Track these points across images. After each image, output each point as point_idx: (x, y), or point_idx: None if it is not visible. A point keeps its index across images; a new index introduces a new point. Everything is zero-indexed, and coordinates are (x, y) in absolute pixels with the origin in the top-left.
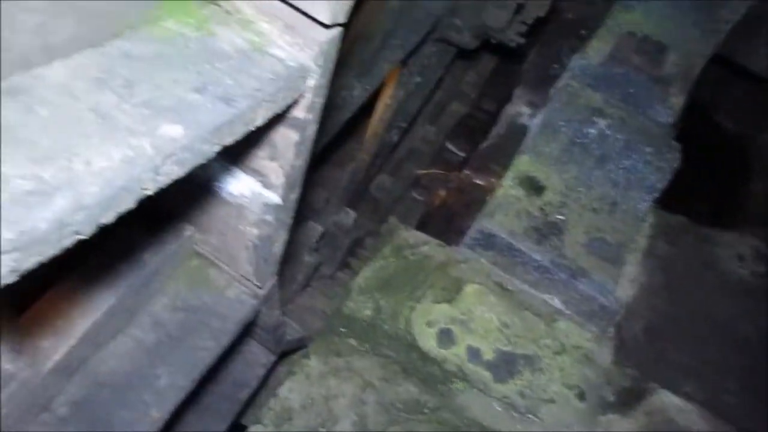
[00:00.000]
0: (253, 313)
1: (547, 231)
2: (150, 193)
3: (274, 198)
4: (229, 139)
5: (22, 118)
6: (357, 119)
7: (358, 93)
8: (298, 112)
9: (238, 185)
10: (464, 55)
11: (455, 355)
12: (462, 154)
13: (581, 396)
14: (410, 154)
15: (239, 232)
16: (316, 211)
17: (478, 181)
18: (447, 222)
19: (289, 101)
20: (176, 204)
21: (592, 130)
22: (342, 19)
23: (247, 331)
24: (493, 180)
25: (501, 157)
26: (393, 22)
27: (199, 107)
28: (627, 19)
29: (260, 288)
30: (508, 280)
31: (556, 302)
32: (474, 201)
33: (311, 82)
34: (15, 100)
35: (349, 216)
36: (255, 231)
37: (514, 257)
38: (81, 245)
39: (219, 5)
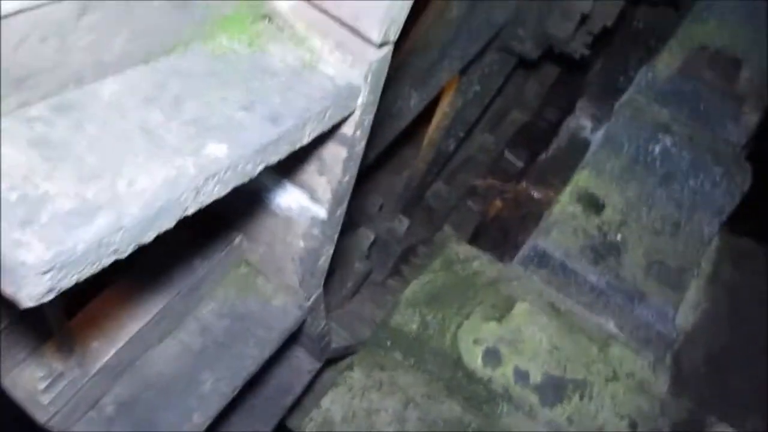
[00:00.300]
0: (297, 324)
1: (604, 251)
2: (191, 212)
3: (321, 212)
4: (273, 158)
5: (71, 135)
6: (415, 126)
7: (414, 103)
8: (347, 129)
9: (287, 198)
10: (526, 64)
11: (502, 375)
12: (520, 164)
13: (633, 426)
14: (467, 163)
15: (286, 244)
16: (369, 216)
17: (535, 194)
18: (502, 235)
19: (337, 119)
20: (227, 212)
21: (657, 147)
22: (392, 38)
23: (293, 338)
24: (551, 194)
25: (560, 171)
26: (452, 33)
27: (245, 126)
28: (699, 31)
29: (306, 300)
30: (561, 300)
31: (611, 326)
32: (530, 214)
33: (360, 99)
34: (66, 117)
35: (402, 223)
36: (301, 244)
37: (568, 277)
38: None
39: (272, 21)
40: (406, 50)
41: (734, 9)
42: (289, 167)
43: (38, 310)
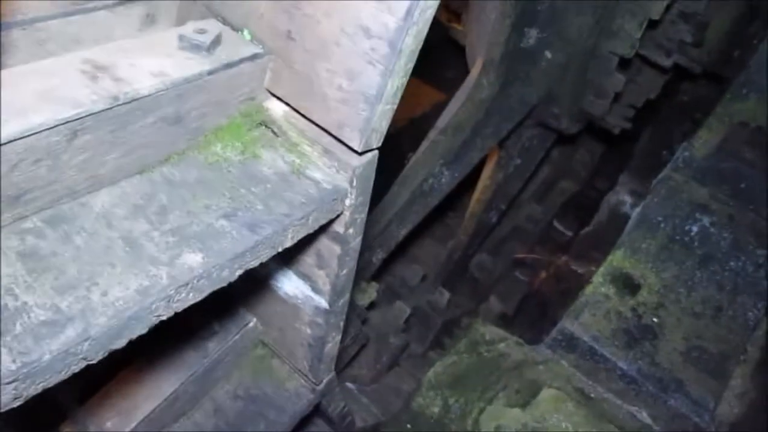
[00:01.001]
0: (309, 407)
1: (639, 335)
2: (164, 318)
3: (323, 302)
4: (253, 263)
5: (58, 246)
6: (461, 196)
7: (445, 180)
8: (339, 228)
9: (292, 286)
10: (565, 139)
11: None
12: (570, 233)
13: None
14: (514, 233)
15: (296, 330)
16: (411, 288)
17: (576, 269)
18: (540, 311)
19: (323, 221)
20: (240, 297)
21: (695, 227)
22: (375, 145)
23: (319, 416)
24: (592, 268)
25: (602, 245)
26: (484, 113)
27: (224, 234)
28: (739, 108)
29: (317, 384)
30: (590, 387)
31: (644, 416)
32: (571, 290)
33: (348, 201)
34: (56, 229)
35: (443, 296)
36: (308, 331)
37: (597, 363)
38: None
39: (268, 127)
40: (438, 130)
41: None
42: (291, 258)
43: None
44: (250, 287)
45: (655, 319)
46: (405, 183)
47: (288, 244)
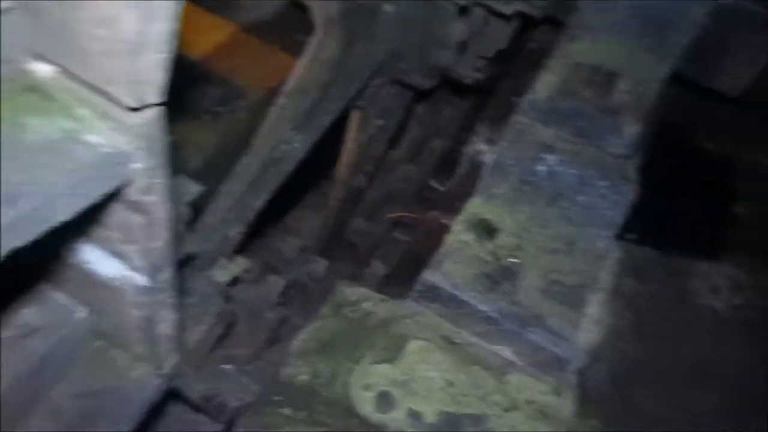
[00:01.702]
0: (158, 394)
1: (499, 277)
2: None
3: (142, 280)
4: (17, 242)
5: None
6: (333, 164)
7: (298, 146)
8: (135, 195)
9: (109, 268)
10: (429, 97)
11: (395, 420)
12: (443, 189)
13: None
14: (389, 195)
15: (125, 314)
16: (288, 261)
17: (446, 222)
18: (416, 268)
19: (107, 189)
20: (64, 289)
21: (542, 168)
22: (153, 100)
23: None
24: None
25: (466, 196)
26: (330, 73)
27: None
28: (575, 49)
29: (160, 368)
30: (456, 333)
31: (508, 354)
32: (441, 243)
33: (137, 165)
34: None
35: (320, 264)
36: (136, 312)
37: (460, 309)
38: None
39: (38, 92)
40: (285, 94)
41: (606, 24)
42: (99, 237)
43: None
44: (71, 276)
45: (513, 260)
46: (255, 152)
47: (62, 217)
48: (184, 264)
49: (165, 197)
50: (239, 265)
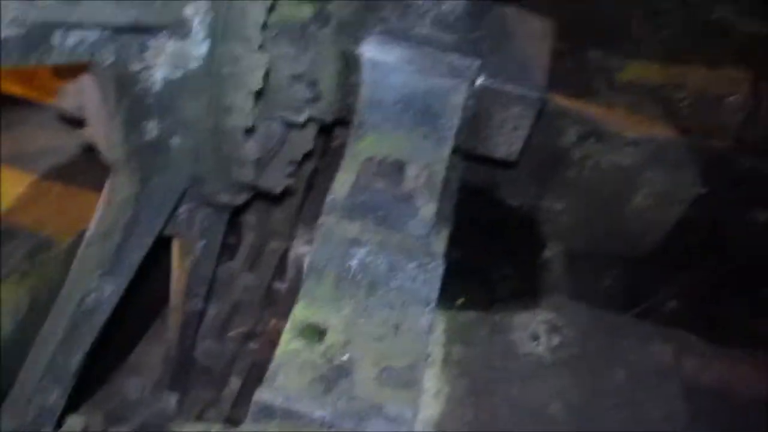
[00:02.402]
0: None
1: (334, 376)
2: None
3: None
4: None
5: None
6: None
7: (109, 292)
8: None
9: None
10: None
11: None
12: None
13: None
14: (235, 308)
15: None
16: (133, 404)
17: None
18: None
19: None
20: None
21: (354, 262)
22: None
23: None
24: None
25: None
26: (131, 212)
27: None
28: (362, 146)
29: None
30: None
31: None
32: None
33: None
34: None
35: (170, 399)
36: None
37: (298, 419)
38: None
39: None
40: (87, 241)
41: (383, 120)
42: None
43: None
44: None
45: (344, 357)
46: (61, 306)
47: None
48: None
49: None
50: (72, 427)
